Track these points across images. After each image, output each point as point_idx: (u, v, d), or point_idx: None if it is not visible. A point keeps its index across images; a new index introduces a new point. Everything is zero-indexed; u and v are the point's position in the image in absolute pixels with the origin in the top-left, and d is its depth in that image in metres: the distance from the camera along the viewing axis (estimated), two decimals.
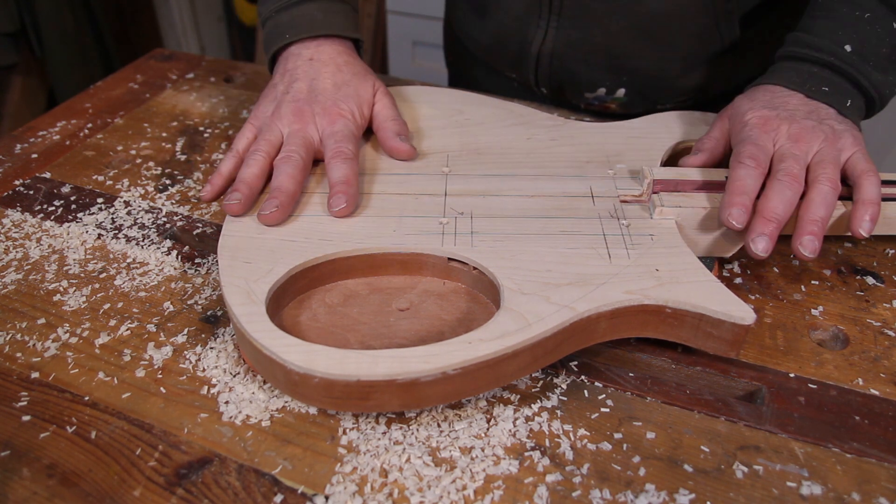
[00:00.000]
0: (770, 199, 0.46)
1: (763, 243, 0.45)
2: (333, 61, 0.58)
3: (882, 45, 0.51)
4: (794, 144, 0.49)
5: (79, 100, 0.74)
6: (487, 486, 0.37)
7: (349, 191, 0.49)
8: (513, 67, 0.74)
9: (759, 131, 0.50)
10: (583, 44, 0.67)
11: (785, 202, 0.46)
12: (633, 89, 0.70)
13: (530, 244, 0.46)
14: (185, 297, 0.49)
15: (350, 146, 0.52)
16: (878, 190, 0.48)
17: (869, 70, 0.51)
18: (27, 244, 0.54)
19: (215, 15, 2.10)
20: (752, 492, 0.37)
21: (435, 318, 0.45)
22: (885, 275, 0.52)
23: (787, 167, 0.47)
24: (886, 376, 0.44)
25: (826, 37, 0.52)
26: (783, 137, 0.49)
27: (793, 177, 0.47)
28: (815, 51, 0.52)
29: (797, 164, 0.47)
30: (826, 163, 0.48)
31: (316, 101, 0.55)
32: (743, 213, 0.46)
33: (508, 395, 0.43)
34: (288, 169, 0.50)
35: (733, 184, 0.47)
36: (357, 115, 0.56)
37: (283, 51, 0.60)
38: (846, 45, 0.51)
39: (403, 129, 0.57)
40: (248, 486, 0.37)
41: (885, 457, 0.39)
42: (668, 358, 0.45)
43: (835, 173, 0.48)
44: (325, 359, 0.37)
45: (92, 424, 0.41)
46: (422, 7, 1.56)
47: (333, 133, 0.53)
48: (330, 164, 0.51)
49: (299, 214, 0.49)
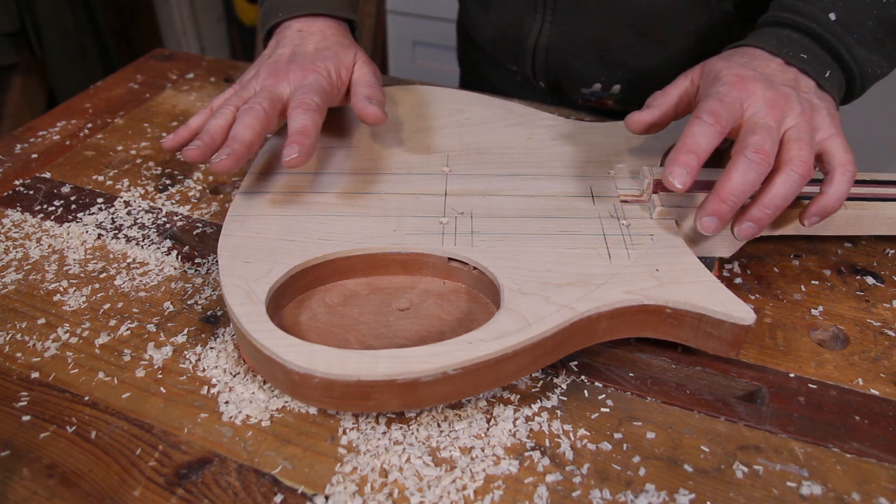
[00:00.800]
0: (731, 177, 0.43)
1: (711, 224, 0.43)
2: (322, 32, 0.58)
3: (869, 17, 0.48)
4: (769, 111, 0.45)
5: (79, 100, 0.74)
6: (487, 486, 0.37)
7: (304, 141, 0.47)
8: (513, 60, 0.75)
9: (729, 88, 0.46)
10: (577, 38, 0.67)
11: (746, 183, 0.42)
12: (628, 86, 0.70)
13: (530, 244, 0.46)
14: (185, 297, 0.49)
15: (315, 98, 0.51)
16: (849, 187, 0.45)
17: (852, 42, 0.48)
18: (27, 244, 0.54)
19: (215, 15, 2.10)
20: (752, 492, 0.37)
21: (435, 318, 0.45)
22: (885, 275, 0.52)
23: (758, 142, 0.43)
24: (886, 376, 0.44)
25: (811, 2, 0.49)
26: (759, 101, 0.45)
27: (763, 154, 0.42)
28: (797, 15, 0.49)
29: (769, 137, 0.43)
30: (802, 142, 0.44)
31: (294, 62, 0.55)
32: (685, 174, 0.42)
33: (508, 395, 0.43)
34: (247, 118, 0.49)
35: (683, 139, 0.44)
36: (332, 74, 0.55)
37: (277, 28, 0.60)
38: (830, 14, 0.48)
39: (376, 93, 0.55)
40: (248, 486, 0.37)
41: (885, 457, 0.39)
42: (668, 358, 0.45)
43: (809, 155, 0.44)
44: (325, 359, 0.37)
45: (92, 424, 0.41)
46: (422, 7, 1.56)
47: (302, 86, 0.52)
48: (291, 113, 0.50)
49: (299, 214, 0.49)
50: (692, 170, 0.43)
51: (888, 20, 0.48)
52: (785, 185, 0.43)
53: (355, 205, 0.50)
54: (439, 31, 1.58)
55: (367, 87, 0.55)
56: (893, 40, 0.49)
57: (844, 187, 0.45)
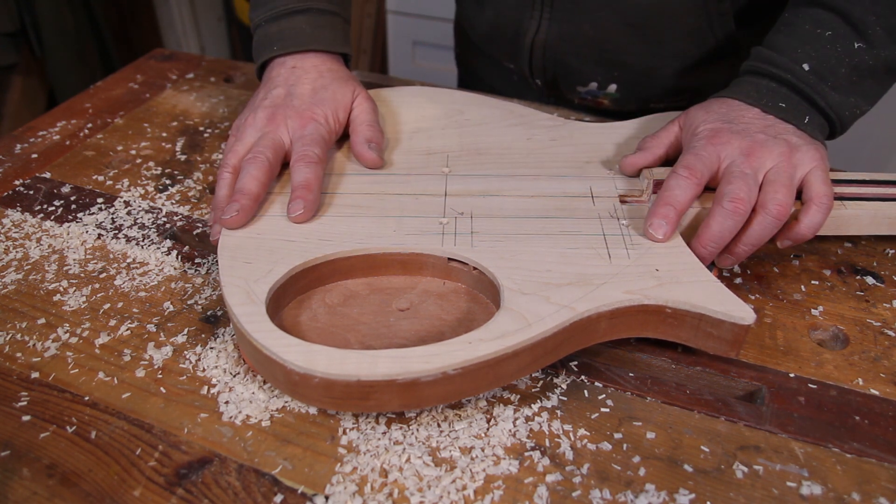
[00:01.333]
0: (710, 226, 0.46)
1: None
2: (316, 69, 0.58)
3: (841, 65, 0.50)
4: (746, 160, 0.47)
5: (79, 100, 0.74)
6: (487, 486, 0.37)
7: (307, 196, 0.48)
8: (510, 58, 0.75)
9: (705, 142, 0.49)
10: (574, 36, 0.68)
11: (724, 231, 0.46)
12: (624, 86, 0.70)
13: (530, 244, 0.46)
14: (185, 297, 0.49)
15: (316, 150, 0.51)
16: (823, 219, 0.47)
17: (826, 90, 0.50)
18: (27, 244, 0.54)
19: (215, 15, 2.10)
20: (752, 492, 0.37)
21: (435, 318, 0.45)
22: (885, 275, 0.52)
23: (734, 191, 0.46)
24: (886, 376, 0.44)
25: (786, 54, 0.51)
26: (734, 151, 0.48)
27: (738, 202, 0.45)
28: (773, 66, 0.51)
29: (745, 186, 0.46)
30: (778, 184, 0.46)
31: (290, 106, 0.54)
32: (664, 226, 0.46)
33: (508, 395, 0.43)
34: (252, 170, 0.49)
35: (662, 193, 0.47)
36: (331, 119, 0.55)
37: (270, 62, 0.60)
38: (804, 64, 0.50)
39: (375, 135, 0.55)
40: (248, 486, 0.37)
41: (885, 457, 0.39)
42: (668, 358, 0.45)
43: (786, 197, 0.46)
44: (325, 359, 0.37)
45: (92, 424, 0.41)
46: (422, 7, 1.56)
47: (302, 136, 0.52)
48: (294, 167, 0.50)
49: None
50: (671, 221, 0.46)
51: (861, 66, 0.50)
52: (760, 226, 0.46)
53: (355, 205, 0.50)
54: (439, 31, 1.58)
55: (367, 127, 0.56)
56: (869, 81, 0.52)
57: (819, 218, 0.47)
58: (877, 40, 0.50)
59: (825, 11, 0.51)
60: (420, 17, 1.58)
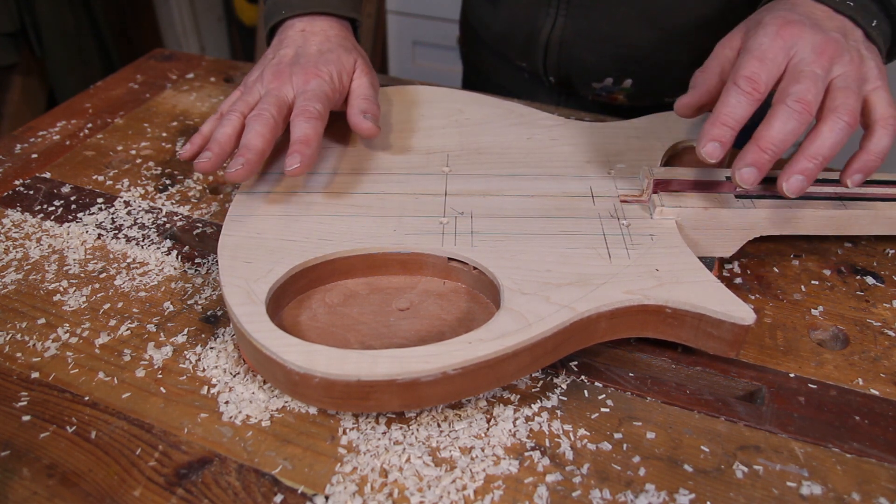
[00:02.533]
0: (772, 126, 0.41)
1: (751, 175, 0.42)
2: (324, 32, 0.58)
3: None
4: (817, 58, 0.43)
5: (79, 100, 0.74)
6: (487, 486, 0.37)
7: (305, 151, 0.48)
8: (522, 56, 0.75)
9: (773, 38, 0.43)
10: (591, 32, 0.67)
11: (787, 132, 0.41)
12: (640, 80, 0.70)
13: (530, 244, 0.46)
14: (185, 297, 0.49)
15: (318, 105, 0.51)
16: (891, 141, 0.43)
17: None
18: (27, 244, 0.54)
19: (215, 15, 2.10)
20: (752, 492, 0.37)
21: (435, 318, 0.45)
22: (885, 275, 0.52)
23: (800, 91, 0.41)
24: (886, 376, 0.44)
25: None
26: (806, 47, 0.43)
27: (805, 104, 0.41)
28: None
29: (814, 87, 0.42)
30: (849, 90, 0.42)
31: (297, 64, 0.55)
32: (718, 149, 0.42)
33: (508, 395, 0.43)
34: (257, 126, 0.49)
35: (719, 108, 0.42)
36: (335, 78, 0.55)
37: (279, 26, 0.60)
38: None
39: (371, 107, 0.55)
40: (248, 486, 0.37)
41: (885, 457, 0.39)
42: (668, 358, 0.45)
43: (856, 105, 0.42)
44: (325, 359, 0.37)
45: (92, 424, 0.41)
46: (422, 7, 1.56)
47: (305, 91, 0.53)
48: (293, 121, 0.50)
49: (299, 214, 0.49)
50: (726, 143, 0.42)
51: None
52: (832, 133, 0.42)
53: (355, 205, 0.50)
54: (439, 31, 1.58)
55: (363, 99, 0.55)
56: None
57: (886, 141, 0.43)
58: None
59: None
60: (420, 17, 1.58)
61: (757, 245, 0.55)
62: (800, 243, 0.55)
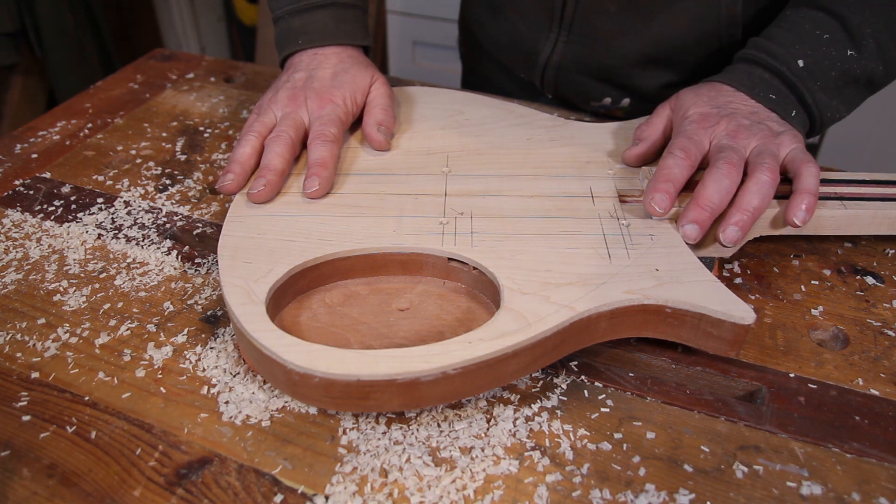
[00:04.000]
0: (706, 186, 0.46)
1: (693, 231, 0.46)
2: (337, 55, 0.61)
3: (833, 68, 0.52)
4: (732, 139, 0.49)
5: (79, 100, 0.74)
6: (487, 486, 0.37)
7: (323, 174, 0.51)
8: (523, 70, 0.76)
9: (696, 126, 0.51)
10: (590, 61, 0.69)
11: (721, 191, 0.46)
12: (638, 100, 0.71)
13: (530, 244, 0.46)
14: (185, 297, 0.49)
15: (333, 129, 0.54)
16: (817, 181, 0.48)
17: (815, 89, 0.52)
18: (27, 244, 0.54)
19: (215, 15, 2.10)
20: (752, 492, 0.37)
21: (435, 318, 0.45)
22: (885, 275, 0.52)
23: (726, 156, 0.47)
24: (886, 376, 0.44)
25: (783, 47, 0.53)
26: (721, 133, 0.50)
27: (731, 165, 0.47)
28: (770, 57, 0.53)
29: (736, 154, 0.48)
30: (765, 154, 0.48)
31: (310, 88, 0.57)
32: (666, 199, 0.47)
33: (508, 395, 0.43)
34: (276, 147, 0.52)
35: (660, 171, 0.48)
36: (348, 102, 0.57)
37: (294, 55, 0.62)
38: (799, 60, 0.52)
39: (386, 119, 0.57)
40: (248, 486, 0.37)
41: (885, 457, 0.39)
42: (668, 358, 0.45)
43: (774, 163, 0.47)
44: (325, 358, 0.37)
45: (92, 424, 0.41)
46: (422, 7, 1.56)
47: (320, 116, 0.55)
48: (310, 145, 0.53)
49: (299, 214, 0.49)
50: (671, 196, 0.47)
51: (849, 73, 0.53)
52: (756, 186, 0.46)
53: (355, 205, 0.50)
54: (439, 31, 1.58)
55: (381, 110, 0.58)
56: (852, 89, 0.54)
57: (814, 179, 0.48)
58: (867, 51, 0.52)
59: (826, 15, 0.53)
60: (420, 17, 1.58)
61: (757, 245, 0.55)
62: (800, 243, 0.55)
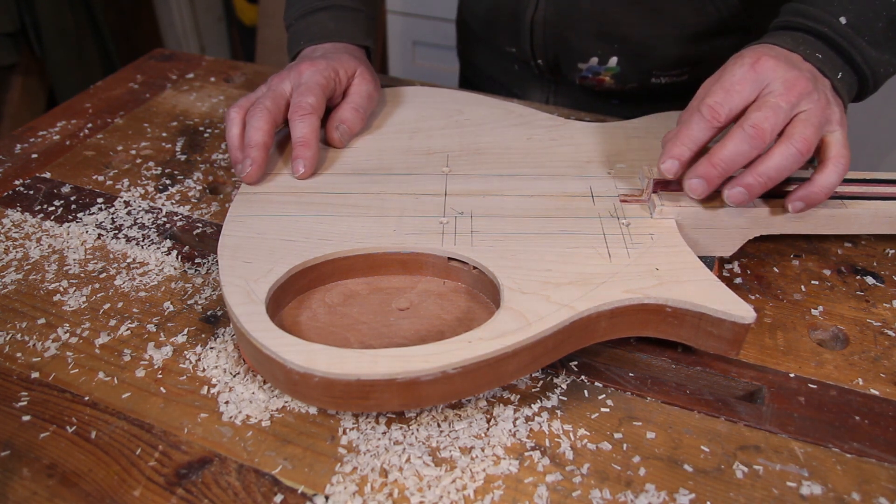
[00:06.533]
0: (725, 146, 0.44)
1: (700, 186, 0.45)
2: (333, 45, 0.62)
3: (879, 18, 0.48)
4: (786, 91, 0.45)
5: (79, 100, 0.74)
6: (487, 486, 0.37)
7: (306, 153, 0.51)
8: (511, 41, 0.76)
9: (746, 70, 0.45)
10: (572, 11, 0.68)
11: (738, 153, 0.43)
12: (625, 58, 0.71)
13: (530, 244, 0.46)
14: (185, 297, 0.49)
15: (310, 98, 0.54)
16: (836, 181, 0.46)
17: (863, 45, 0.48)
18: (27, 244, 0.54)
19: (215, 15, 2.10)
20: (752, 492, 0.37)
21: (435, 317, 0.45)
22: (885, 275, 0.52)
23: (759, 118, 0.43)
24: (886, 376, 0.44)
25: (820, 6, 0.49)
26: (777, 80, 0.45)
27: (759, 130, 0.43)
28: (808, 19, 0.49)
29: (774, 116, 0.44)
30: (809, 124, 0.44)
31: (297, 65, 0.58)
32: (677, 165, 0.45)
33: (508, 395, 0.43)
34: (253, 122, 0.52)
35: (681, 130, 0.45)
36: (331, 70, 0.57)
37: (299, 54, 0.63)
38: (841, 17, 0.48)
39: (351, 117, 0.57)
40: (248, 486, 0.37)
41: (885, 457, 0.39)
42: (668, 358, 0.45)
43: (814, 137, 0.44)
44: (325, 358, 0.37)
45: (92, 424, 0.41)
46: (422, 7, 1.56)
47: (300, 84, 0.55)
48: (290, 120, 0.53)
49: (299, 214, 0.49)
50: (683, 162, 0.45)
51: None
52: (781, 156, 0.44)
53: (355, 205, 0.50)
54: (439, 31, 1.58)
55: (350, 109, 0.58)
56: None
57: (834, 179, 0.46)
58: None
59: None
60: (420, 17, 1.58)
61: (757, 245, 0.55)
62: (800, 243, 0.55)
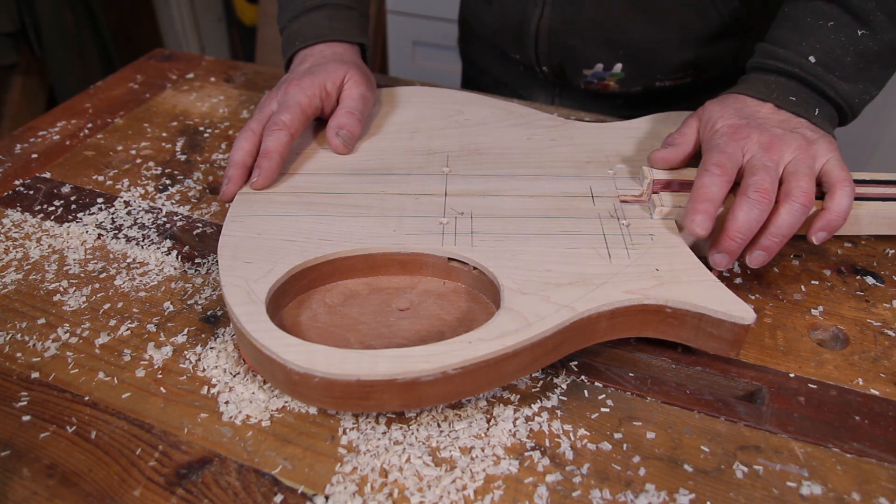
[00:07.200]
0: (737, 217, 0.45)
1: (723, 261, 0.46)
2: (321, 53, 0.62)
3: (846, 53, 0.51)
4: (766, 154, 0.48)
5: (79, 100, 0.74)
6: (487, 486, 0.37)
7: (264, 164, 0.52)
8: (516, 48, 0.76)
9: (727, 139, 0.49)
10: (577, 19, 0.69)
11: (751, 221, 0.45)
12: (629, 64, 0.71)
13: (530, 244, 0.46)
14: (185, 297, 0.49)
15: (285, 116, 0.54)
16: (849, 203, 0.47)
17: (833, 80, 0.51)
18: (27, 244, 0.54)
19: (215, 15, 2.10)
20: (752, 492, 0.37)
21: (435, 318, 0.45)
22: (885, 275, 0.52)
23: (758, 182, 0.46)
24: (886, 376, 0.44)
25: (791, 47, 0.52)
26: (754, 146, 0.48)
27: (762, 192, 0.45)
28: (779, 61, 0.52)
29: (768, 177, 0.46)
30: (800, 174, 0.47)
31: (284, 82, 0.59)
32: (707, 220, 0.45)
33: (508, 395, 0.43)
34: (238, 143, 0.54)
35: (698, 191, 0.47)
36: (316, 88, 0.57)
37: (294, 56, 0.63)
38: (810, 56, 0.51)
39: (349, 122, 0.57)
40: (248, 486, 0.37)
41: (885, 457, 0.39)
42: (668, 358, 0.45)
43: (809, 185, 0.46)
44: (325, 358, 0.37)
45: (92, 424, 0.41)
46: (422, 7, 1.56)
47: (281, 102, 0.57)
48: (264, 134, 0.54)
49: (299, 214, 0.49)
50: (710, 216, 0.46)
51: (866, 52, 0.51)
52: (788, 215, 0.46)
53: (355, 205, 0.50)
54: (439, 31, 1.58)
55: (345, 113, 0.58)
56: (876, 66, 0.52)
57: (846, 201, 0.47)
58: (879, 25, 0.51)
59: (824, 3, 0.52)
60: (420, 17, 1.58)
61: None
62: (800, 243, 0.55)
